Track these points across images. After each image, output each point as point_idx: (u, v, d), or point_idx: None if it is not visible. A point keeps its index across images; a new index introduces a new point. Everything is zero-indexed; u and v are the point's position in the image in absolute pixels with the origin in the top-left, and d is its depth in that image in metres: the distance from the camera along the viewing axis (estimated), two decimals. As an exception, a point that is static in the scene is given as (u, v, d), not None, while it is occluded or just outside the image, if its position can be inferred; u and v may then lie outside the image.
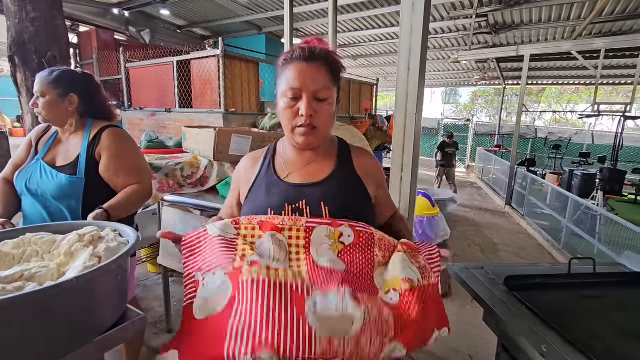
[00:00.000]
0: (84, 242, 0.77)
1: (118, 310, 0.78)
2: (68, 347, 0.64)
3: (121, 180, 1.36)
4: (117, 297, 0.78)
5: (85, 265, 0.70)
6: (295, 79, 0.80)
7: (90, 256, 0.72)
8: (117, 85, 6.20)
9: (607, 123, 16.37)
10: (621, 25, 6.29)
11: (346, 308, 0.70)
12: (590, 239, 4.15)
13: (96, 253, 0.74)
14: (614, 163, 6.57)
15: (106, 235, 0.83)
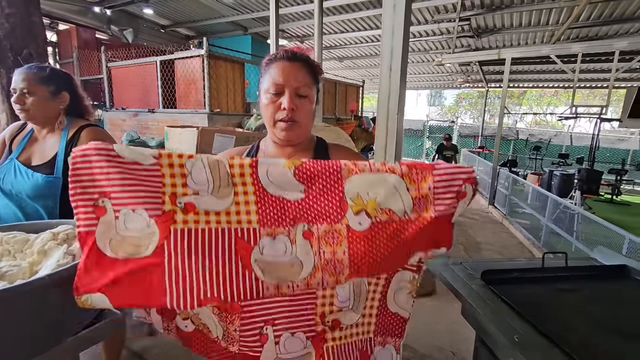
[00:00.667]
0: (57, 240, 0.76)
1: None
2: (41, 347, 0.63)
3: None
4: (93, 296, 0.76)
5: (59, 263, 0.68)
6: (279, 76, 0.85)
7: (64, 254, 0.71)
8: (98, 85, 6.06)
9: (585, 125, 16.95)
10: (597, 30, 6.53)
11: (295, 253, 0.68)
12: (569, 236, 4.28)
13: (70, 251, 0.72)
14: (590, 164, 6.80)
15: (81, 234, 0.82)
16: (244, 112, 4.49)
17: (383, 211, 0.70)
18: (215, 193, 0.68)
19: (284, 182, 0.69)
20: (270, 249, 0.68)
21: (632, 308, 0.92)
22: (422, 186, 0.69)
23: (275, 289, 0.68)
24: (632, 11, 5.58)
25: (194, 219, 0.67)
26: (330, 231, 0.70)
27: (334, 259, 0.69)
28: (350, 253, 0.70)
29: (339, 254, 0.69)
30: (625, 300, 0.96)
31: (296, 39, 8.77)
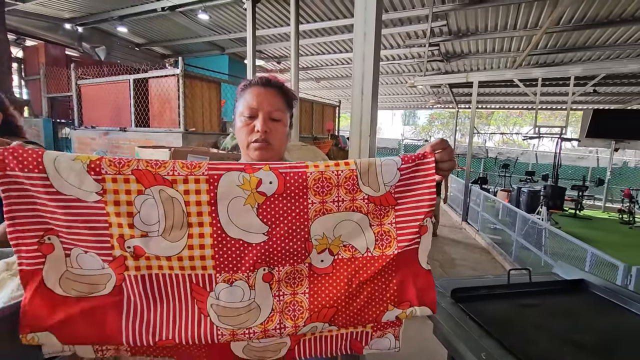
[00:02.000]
0: (12, 271, 0.72)
1: (49, 343, 0.72)
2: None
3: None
4: (49, 329, 0.72)
5: (12, 295, 0.64)
6: (253, 100, 0.89)
7: (19, 285, 0.67)
8: (66, 103, 5.88)
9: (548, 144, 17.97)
10: (554, 57, 7.05)
11: (253, 297, 0.65)
12: (537, 251, 4.45)
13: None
14: (555, 180, 7.18)
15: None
16: (220, 132, 4.47)
17: (346, 248, 0.69)
18: (166, 235, 0.62)
19: (246, 222, 0.64)
20: (226, 295, 0.65)
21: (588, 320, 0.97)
22: (383, 222, 0.69)
23: (231, 336, 0.65)
24: (583, 41, 6.09)
25: (146, 265, 0.63)
26: (291, 272, 0.68)
27: (293, 301, 0.67)
28: (310, 294, 0.68)
29: (299, 296, 0.68)
30: (583, 313, 1.01)
31: (273, 59, 8.92)
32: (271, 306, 0.67)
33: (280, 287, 0.68)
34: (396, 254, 0.69)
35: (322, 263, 0.68)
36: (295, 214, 0.66)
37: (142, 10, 5.84)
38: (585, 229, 7.38)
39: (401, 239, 0.69)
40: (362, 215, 0.69)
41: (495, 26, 5.84)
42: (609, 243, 6.29)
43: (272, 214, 0.65)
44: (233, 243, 0.64)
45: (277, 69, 9.69)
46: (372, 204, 0.69)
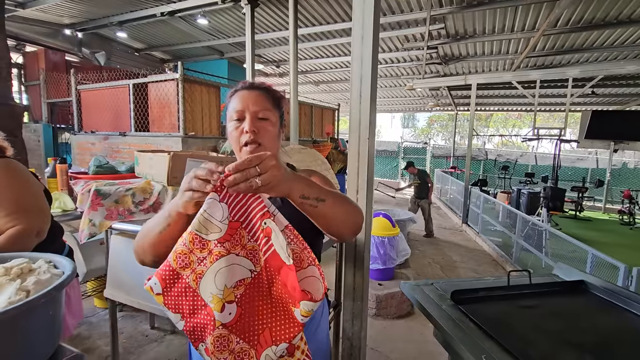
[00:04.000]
0: (10, 275, 0.72)
1: (48, 348, 0.72)
2: (-16, 394, 0.58)
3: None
4: (48, 334, 0.72)
5: (10, 300, 0.64)
6: (239, 103, 0.91)
7: (17, 290, 0.67)
8: (66, 108, 5.90)
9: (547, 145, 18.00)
10: (552, 59, 7.08)
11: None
12: (538, 252, 4.44)
13: (24, 287, 0.68)
14: (554, 182, 7.19)
15: (38, 267, 0.78)
16: (220, 135, 4.47)
17: (237, 287, 0.70)
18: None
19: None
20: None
21: (587, 321, 0.97)
22: (246, 245, 0.71)
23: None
24: (581, 43, 6.11)
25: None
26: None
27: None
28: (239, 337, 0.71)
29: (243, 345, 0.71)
30: (582, 314, 1.01)
31: (272, 63, 8.96)
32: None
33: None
34: (265, 259, 0.70)
35: (230, 315, 0.69)
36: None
37: (142, 16, 5.87)
38: (585, 230, 7.38)
39: (262, 248, 0.70)
40: (226, 256, 0.69)
41: (493, 29, 5.87)
42: (609, 244, 6.28)
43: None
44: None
45: (276, 73, 9.72)
46: (226, 243, 0.69)
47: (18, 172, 1.27)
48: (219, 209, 0.68)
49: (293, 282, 0.68)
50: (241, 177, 0.64)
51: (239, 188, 0.65)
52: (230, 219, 0.69)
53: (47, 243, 1.31)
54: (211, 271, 0.69)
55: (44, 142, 5.72)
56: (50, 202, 1.45)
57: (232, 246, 0.70)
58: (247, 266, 0.70)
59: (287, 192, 0.70)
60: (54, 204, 2.19)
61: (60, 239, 1.52)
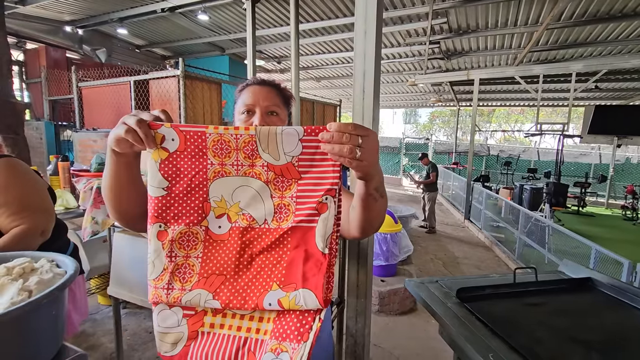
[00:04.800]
0: (12, 275, 0.71)
1: (52, 348, 0.72)
2: (-13, 395, 0.58)
3: (2, 221, 1.16)
4: (51, 334, 0.71)
5: (12, 300, 0.63)
6: (249, 98, 0.90)
7: (19, 290, 0.66)
8: (67, 105, 5.89)
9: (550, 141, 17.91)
10: (555, 54, 7.01)
11: (150, 252, 0.70)
12: (541, 248, 4.43)
13: (26, 287, 0.68)
14: (557, 177, 7.15)
15: (40, 267, 0.77)
16: (221, 132, 4.46)
17: (244, 217, 0.68)
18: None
19: (151, 176, 0.67)
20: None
21: (595, 319, 0.96)
22: (285, 194, 0.67)
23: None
24: (584, 37, 6.05)
25: (219, 324, 0.70)
26: (186, 233, 0.68)
27: (185, 264, 0.68)
28: (202, 259, 0.68)
29: (192, 259, 0.68)
30: (589, 311, 1.00)
31: (273, 59, 8.91)
32: (163, 265, 0.68)
33: (172, 248, 0.68)
34: (290, 227, 0.66)
35: (219, 229, 0.68)
36: (195, 173, 0.67)
37: (142, 12, 5.84)
38: (588, 226, 7.35)
39: (298, 214, 0.66)
40: (262, 183, 0.67)
41: (496, 23, 5.81)
42: (612, 240, 6.26)
43: (173, 170, 0.67)
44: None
45: (278, 69, 9.67)
46: (272, 173, 0.67)
47: (21, 170, 1.26)
48: (296, 142, 0.64)
49: (315, 267, 0.63)
50: (345, 139, 0.57)
51: (334, 149, 0.58)
52: (298, 161, 0.65)
53: (51, 241, 1.31)
54: (236, 181, 0.67)
55: (46, 139, 5.72)
56: (54, 200, 1.44)
57: (273, 183, 0.67)
58: (267, 212, 0.68)
59: (370, 177, 0.64)
60: (57, 201, 2.18)
61: (64, 237, 1.52)
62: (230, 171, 0.67)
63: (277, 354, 0.64)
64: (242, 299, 0.67)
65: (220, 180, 0.68)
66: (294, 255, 0.66)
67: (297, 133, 0.64)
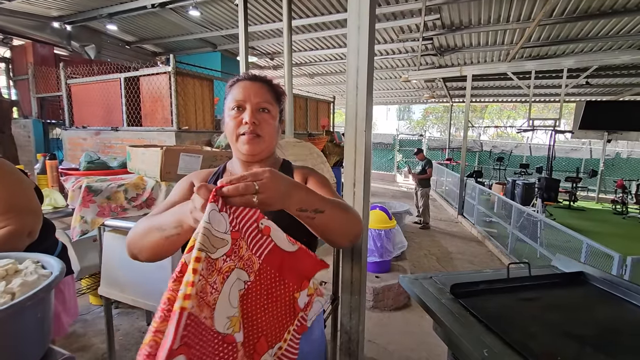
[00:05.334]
0: (-5, 277, 0.69)
1: (37, 352, 0.70)
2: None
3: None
4: (36, 336, 0.69)
5: (-6, 303, 0.61)
6: (240, 93, 0.88)
7: (1, 293, 0.64)
8: (56, 103, 5.78)
9: (542, 136, 18.09)
10: (547, 50, 7.06)
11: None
12: (533, 243, 4.48)
13: (9, 289, 0.66)
14: (549, 172, 7.22)
15: (24, 268, 0.75)
16: (214, 129, 4.41)
17: (245, 288, 0.68)
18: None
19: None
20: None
21: (588, 313, 0.96)
22: (242, 255, 0.66)
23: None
24: (576, 33, 6.10)
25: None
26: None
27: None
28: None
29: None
30: (582, 305, 1.00)
31: (266, 56, 8.85)
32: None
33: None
34: (260, 264, 0.68)
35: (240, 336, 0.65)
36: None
37: (132, 7, 5.74)
38: (579, 220, 7.45)
39: (255, 251, 0.67)
40: (235, 271, 0.64)
41: (489, 19, 5.82)
42: (603, 234, 6.35)
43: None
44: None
45: (271, 66, 9.61)
46: (232, 257, 0.63)
47: (6, 170, 1.23)
48: (221, 220, 0.60)
49: (305, 258, 0.71)
50: (236, 191, 0.59)
51: (234, 202, 0.60)
52: (231, 229, 0.63)
53: (39, 241, 1.28)
54: (224, 292, 0.61)
55: (34, 137, 5.61)
56: (41, 200, 1.41)
57: (235, 259, 0.64)
58: (243, 278, 0.66)
59: (283, 207, 0.66)
60: (45, 200, 2.14)
61: (52, 237, 1.49)
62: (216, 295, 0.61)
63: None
64: (278, 333, 0.72)
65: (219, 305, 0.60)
66: (289, 268, 0.71)
67: (215, 208, 0.60)
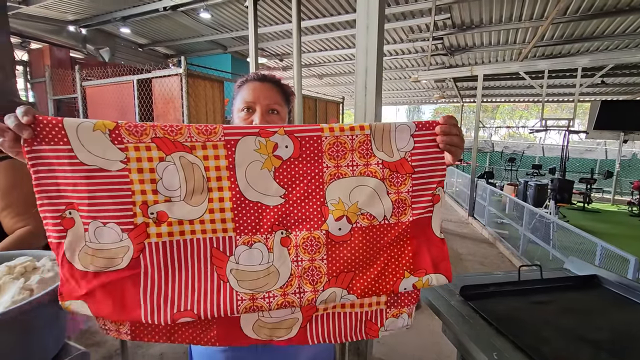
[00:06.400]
0: (13, 274, 0.71)
1: (54, 346, 0.72)
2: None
3: (7, 222, 1.18)
4: (53, 332, 0.71)
5: (14, 299, 0.64)
6: (249, 94, 0.88)
7: (21, 289, 0.66)
8: (72, 105, 5.91)
9: (555, 137, 17.75)
10: (560, 48, 6.93)
11: (272, 260, 0.67)
12: (546, 245, 4.40)
13: (27, 286, 0.68)
14: (562, 174, 7.09)
15: (42, 266, 0.77)
16: (224, 130, 4.46)
17: (364, 216, 0.69)
18: (187, 199, 0.64)
19: (263, 185, 0.66)
20: (246, 258, 0.66)
21: (601, 317, 0.94)
22: (401, 189, 0.70)
23: (251, 301, 0.66)
24: (591, 31, 5.97)
25: (167, 231, 0.64)
26: (308, 238, 0.68)
27: (311, 267, 0.68)
28: (328, 260, 0.69)
29: (317, 262, 0.68)
30: (597, 310, 0.98)
31: (275, 57, 8.89)
32: (290, 270, 0.68)
33: (298, 253, 0.68)
34: (411, 221, 0.71)
35: (339, 231, 0.69)
36: (310, 177, 0.67)
37: (145, 11, 5.84)
38: (594, 222, 7.28)
39: (415, 207, 0.71)
40: (378, 181, 0.69)
41: (500, 18, 5.74)
42: (618, 236, 6.20)
43: (289, 177, 0.67)
44: (252, 206, 0.66)
45: (280, 67, 9.65)
46: (387, 170, 0.69)
47: (25, 172, 1.25)
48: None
49: (440, 252, 0.72)
50: (454, 131, 0.67)
51: (453, 140, 0.67)
52: (411, 161, 0.69)
53: None
54: (352, 181, 0.68)
55: (51, 138, 5.74)
56: None
57: (389, 180, 0.69)
58: (386, 208, 0.69)
59: (457, 158, 0.71)
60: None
61: None
62: (346, 172, 0.68)
63: (397, 317, 0.79)
64: (377, 288, 0.70)
65: (336, 182, 0.68)
66: (418, 245, 0.72)
67: (409, 129, 0.68)
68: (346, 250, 0.69)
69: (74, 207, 0.62)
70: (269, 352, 0.89)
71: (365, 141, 0.68)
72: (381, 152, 0.68)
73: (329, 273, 0.69)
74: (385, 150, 0.68)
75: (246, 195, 0.66)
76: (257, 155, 0.65)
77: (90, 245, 0.62)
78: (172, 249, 0.65)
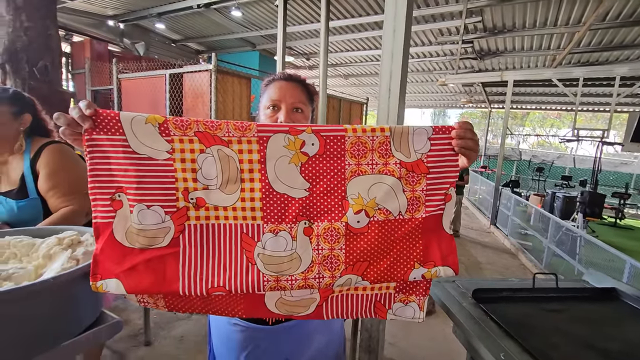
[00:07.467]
0: (62, 245, 0.80)
1: (93, 313, 0.80)
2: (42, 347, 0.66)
3: (53, 201, 1.28)
4: (93, 299, 0.79)
5: (63, 267, 0.72)
6: (276, 93, 0.93)
7: (69, 259, 0.75)
8: (107, 96, 6.21)
9: (588, 148, 16.96)
10: (598, 56, 6.64)
11: (295, 248, 0.74)
12: (571, 259, 4.24)
13: (74, 256, 0.76)
14: (593, 186, 6.78)
15: (85, 240, 0.86)
16: (249, 126, 4.57)
17: (381, 211, 0.76)
18: (223, 188, 0.72)
19: (290, 179, 0.73)
20: (272, 244, 0.74)
21: (616, 328, 0.93)
22: (415, 188, 0.76)
23: (275, 282, 0.73)
24: (632, 39, 5.69)
25: (205, 215, 0.73)
26: (329, 229, 0.75)
27: (330, 255, 0.75)
28: (346, 249, 0.75)
29: (336, 251, 0.75)
30: (611, 321, 0.97)
31: (302, 56, 8.98)
32: (311, 257, 0.74)
33: (319, 242, 0.75)
34: (424, 217, 0.77)
35: (358, 223, 0.75)
36: (333, 173, 0.74)
37: (179, 7, 6.07)
38: (625, 239, 6.94)
39: (429, 204, 0.77)
40: (395, 179, 0.75)
41: (534, 23, 5.57)
42: (651, 255, 5.87)
43: (313, 172, 0.74)
44: (279, 197, 0.73)
45: (306, 65, 9.74)
46: (404, 169, 0.75)
47: (70, 156, 1.39)
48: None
49: (449, 246, 0.78)
50: (469, 135, 0.72)
51: (467, 144, 0.72)
52: (426, 162, 0.75)
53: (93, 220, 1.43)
54: (371, 178, 0.74)
55: (87, 127, 6.06)
56: None
57: (405, 179, 0.75)
58: (402, 205, 0.76)
59: (472, 162, 0.76)
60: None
61: None
62: (366, 170, 0.75)
63: (405, 304, 0.85)
64: (388, 276, 0.78)
65: (357, 179, 0.75)
66: (428, 239, 0.78)
67: (427, 132, 0.74)
68: (363, 241, 0.76)
69: (123, 190, 0.70)
70: (285, 338, 0.95)
71: (385, 142, 0.74)
72: (399, 153, 0.74)
73: (347, 261, 0.75)
74: (403, 151, 0.74)
75: (274, 187, 0.73)
76: (286, 151, 0.72)
77: (134, 225, 0.71)
78: (207, 231, 0.73)
